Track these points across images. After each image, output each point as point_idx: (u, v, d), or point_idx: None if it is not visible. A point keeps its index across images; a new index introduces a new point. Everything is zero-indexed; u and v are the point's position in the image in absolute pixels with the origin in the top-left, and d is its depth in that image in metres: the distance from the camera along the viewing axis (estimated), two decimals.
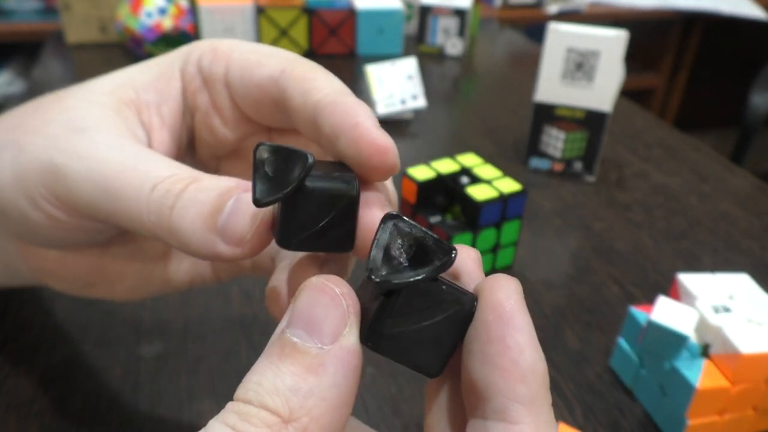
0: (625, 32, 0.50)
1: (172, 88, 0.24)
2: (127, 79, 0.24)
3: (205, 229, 0.19)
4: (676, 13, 1.57)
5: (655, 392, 0.32)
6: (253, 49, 0.23)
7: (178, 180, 0.20)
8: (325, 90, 0.20)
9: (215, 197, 0.19)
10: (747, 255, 0.47)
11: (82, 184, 0.20)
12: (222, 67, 0.23)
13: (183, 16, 0.79)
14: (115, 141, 0.21)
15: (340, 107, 0.20)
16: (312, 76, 0.21)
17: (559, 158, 0.56)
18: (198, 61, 0.24)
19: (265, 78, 0.22)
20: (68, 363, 0.33)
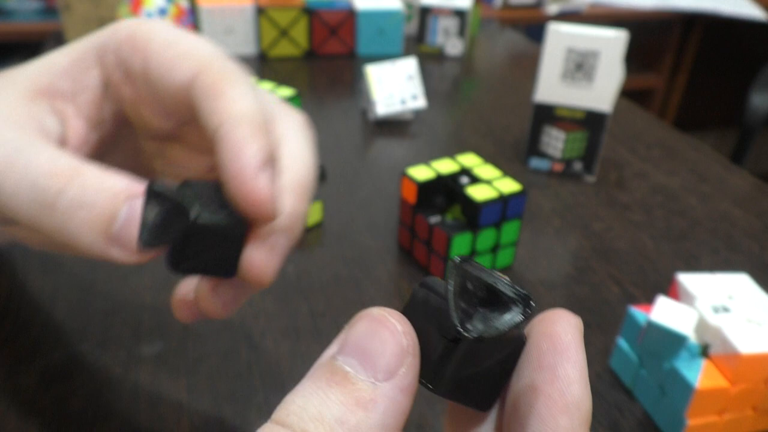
0: (624, 33, 0.50)
1: (90, 77, 0.24)
2: (46, 66, 0.23)
3: (97, 235, 0.19)
4: (675, 14, 1.57)
5: (655, 392, 0.32)
6: (170, 41, 0.22)
7: (55, 174, 0.19)
8: (227, 113, 0.20)
9: (106, 202, 0.19)
10: (747, 255, 0.47)
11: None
12: (140, 61, 0.23)
13: (183, 17, 0.79)
14: (4, 135, 0.20)
15: (231, 145, 0.20)
16: (221, 89, 0.21)
17: (559, 158, 0.56)
18: (117, 51, 0.23)
19: (178, 85, 0.22)
20: (68, 363, 0.34)
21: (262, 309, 0.38)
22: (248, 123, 0.20)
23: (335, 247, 0.44)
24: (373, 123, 0.65)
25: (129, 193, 0.19)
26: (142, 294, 0.39)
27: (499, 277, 0.15)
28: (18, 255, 0.42)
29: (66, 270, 0.40)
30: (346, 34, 0.84)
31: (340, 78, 0.78)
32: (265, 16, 0.81)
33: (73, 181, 0.19)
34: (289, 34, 0.83)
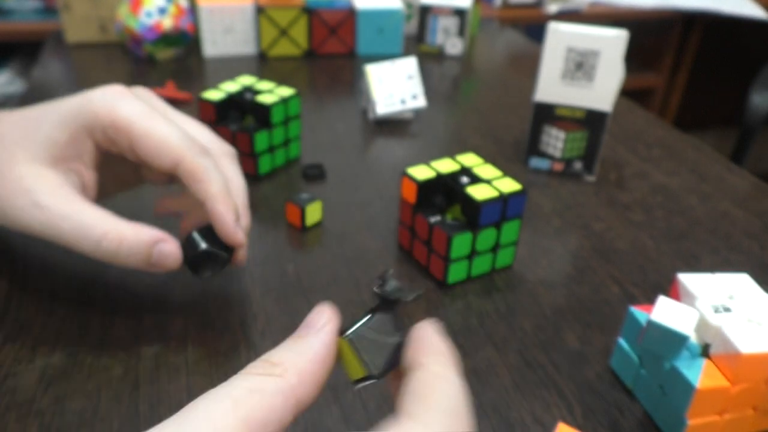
0: (625, 32, 0.50)
1: (87, 145, 0.35)
2: (49, 141, 0.34)
3: (141, 265, 0.33)
4: (676, 13, 1.57)
5: (655, 392, 0.32)
6: (147, 132, 0.34)
7: (113, 238, 0.32)
8: (207, 193, 0.34)
9: (145, 250, 0.33)
10: (747, 255, 0.47)
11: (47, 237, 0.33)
12: (126, 142, 0.34)
13: (183, 16, 0.79)
14: (63, 202, 0.33)
15: (217, 215, 0.34)
16: (198, 178, 0.34)
17: (559, 158, 0.56)
18: (104, 131, 0.34)
19: (165, 164, 0.34)
20: (68, 363, 0.33)
21: (262, 309, 0.38)
22: (222, 198, 0.34)
23: (335, 247, 0.44)
24: (373, 123, 0.65)
25: (156, 241, 0.33)
26: (142, 294, 0.39)
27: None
28: (18, 255, 0.41)
29: (66, 270, 0.40)
30: (346, 33, 0.84)
31: (340, 78, 0.78)
32: (265, 16, 0.81)
33: (125, 241, 0.32)
34: (289, 34, 0.83)
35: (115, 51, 0.83)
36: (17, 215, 0.33)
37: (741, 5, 1.57)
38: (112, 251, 0.32)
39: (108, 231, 0.32)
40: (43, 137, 0.34)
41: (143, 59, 0.80)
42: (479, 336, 0.37)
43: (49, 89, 0.71)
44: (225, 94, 0.52)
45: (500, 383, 0.34)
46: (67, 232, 0.32)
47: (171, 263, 0.33)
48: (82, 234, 0.32)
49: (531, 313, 0.39)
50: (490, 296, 0.41)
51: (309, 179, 0.53)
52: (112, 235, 0.32)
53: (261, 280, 0.41)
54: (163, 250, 0.33)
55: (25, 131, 0.34)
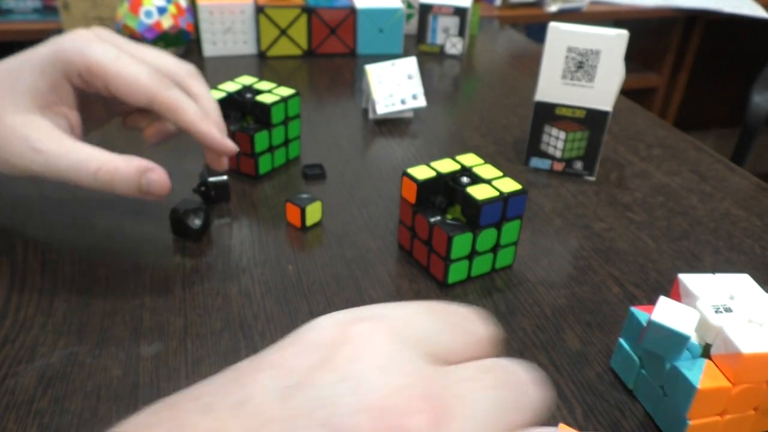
0: (625, 32, 0.50)
1: (66, 88, 0.38)
2: (33, 89, 0.37)
3: (134, 192, 0.36)
4: (677, 12, 1.57)
5: (656, 393, 0.32)
6: (118, 72, 0.37)
7: (108, 169, 0.36)
8: (188, 121, 0.39)
9: (135, 177, 0.36)
10: (748, 255, 0.47)
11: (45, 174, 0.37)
12: (102, 83, 0.38)
13: (182, 16, 0.79)
14: (58, 144, 0.36)
15: (203, 135, 0.40)
16: (174, 110, 0.38)
17: (560, 158, 0.56)
18: (79, 74, 0.37)
19: (140, 101, 0.38)
20: (68, 363, 0.33)
21: (262, 309, 0.38)
22: (201, 120, 0.39)
23: (335, 247, 0.44)
24: (373, 123, 0.65)
25: (145, 169, 0.36)
26: (142, 294, 0.39)
27: None
28: (18, 255, 0.41)
29: (66, 270, 0.40)
30: (346, 33, 0.84)
31: (340, 77, 0.78)
32: (265, 15, 0.81)
33: (119, 171, 0.36)
34: (289, 34, 0.83)
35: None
36: (17, 161, 0.36)
37: (742, 4, 1.57)
38: (108, 181, 0.35)
39: (102, 164, 0.35)
40: (26, 87, 0.37)
41: None
42: None
43: None
44: (225, 93, 0.52)
45: None
46: (64, 170, 0.35)
47: (160, 189, 0.36)
48: (79, 168, 0.35)
49: (531, 314, 0.39)
50: (491, 296, 0.41)
51: (309, 179, 0.53)
52: (106, 167, 0.35)
53: (261, 280, 0.41)
54: (151, 178, 0.36)
55: (7, 84, 0.37)
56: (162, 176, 0.36)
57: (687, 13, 1.58)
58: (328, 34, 0.83)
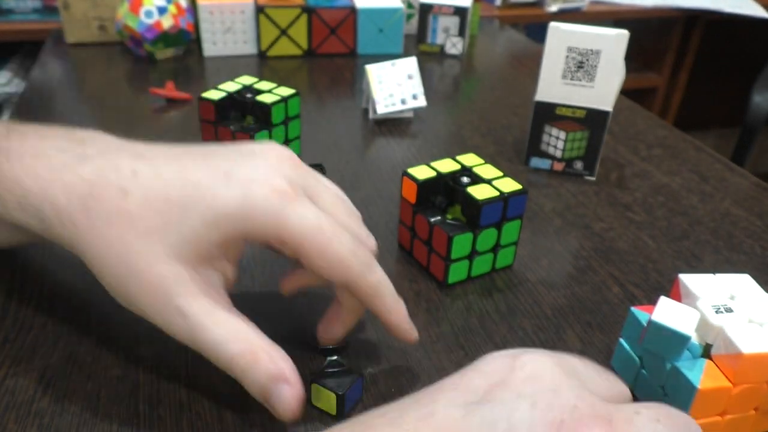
0: (626, 32, 0.50)
1: (238, 248, 0.32)
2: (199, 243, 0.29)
3: (260, 397, 0.29)
4: (677, 12, 1.57)
5: (656, 393, 0.32)
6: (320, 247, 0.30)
7: (246, 360, 0.28)
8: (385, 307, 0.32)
9: (266, 383, 0.28)
10: (748, 255, 0.47)
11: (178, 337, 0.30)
12: (292, 253, 0.30)
13: (182, 15, 0.79)
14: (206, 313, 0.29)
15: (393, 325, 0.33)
16: (374, 296, 0.31)
17: (560, 158, 0.56)
18: (265, 238, 0.30)
19: (337, 280, 0.31)
20: (67, 363, 0.33)
21: (263, 309, 0.38)
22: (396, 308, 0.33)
23: None
24: (373, 123, 0.65)
25: (279, 378, 0.28)
26: None
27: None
28: (18, 255, 0.41)
29: (66, 270, 0.40)
30: (346, 33, 0.84)
31: (340, 77, 0.78)
32: (265, 15, 0.81)
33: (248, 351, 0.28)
34: (289, 34, 0.83)
35: (115, 50, 0.83)
36: (158, 317, 0.29)
37: (742, 4, 1.57)
38: (240, 373, 0.28)
39: (243, 350, 0.28)
40: (190, 234, 0.29)
41: (143, 59, 0.80)
42: (480, 336, 0.37)
43: (48, 89, 0.71)
44: (225, 93, 0.52)
45: None
46: (202, 343, 0.29)
47: (284, 409, 0.28)
48: (219, 348, 0.28)
49: (531, 314, 0.39)
50: (491, 296, 0.41)
51: None
52: (245, 356, 0.28)
53: (261, 280, 0.41)
54: (282, 393, 0.28)
55: (165, 219, 0.29)
56: (295, 395, 0.28)
57: (687, 13, 1.58)
58: (328, 34, 0.83)
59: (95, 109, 0.67)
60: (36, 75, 0.74)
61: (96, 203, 0.29)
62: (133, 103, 0.69)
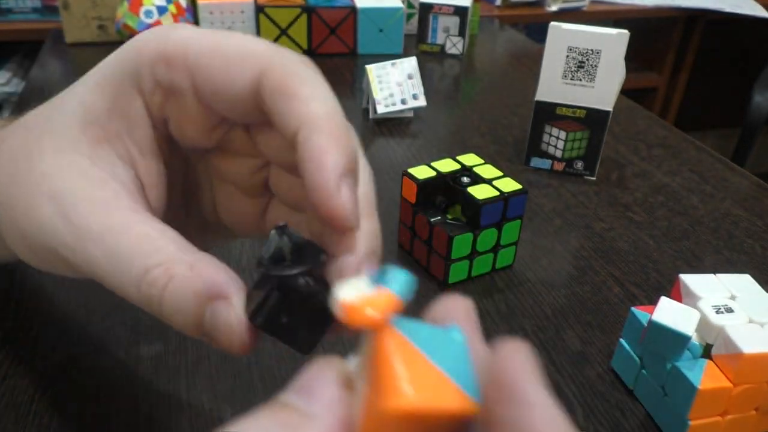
0: (626, 31, 0.50)
1: (136, 109, 0.22)
2: (86, 112, 0.22)
3: (195, 334, 0.20)
4: (677, 12, 1.57)
5: (657, 393, 0.32)
6: (212, 47, 0.21)
7: (153, 282, 0.20)
8: (303, 115, 0.19)
9: (193, 308, 0.19)
10: (749, 255, 0.47)
11: (76, 265, 0.21)
12: (185, 78, 0.21)
13: (182, 15, 0.79)
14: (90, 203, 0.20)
15: (310, 153, 0.19)
16: (292, 89, 0.20)
17: (560, 158, 0.56)
18: (152, 74, 0.22)
19: (241, 91, 0.21)
20: (67, 363, 0.33)
21: None
22: (326, 126, 0.19)
23: None
24: (373, 123, 0.65)
25: (211, 295, 0.19)
26: None
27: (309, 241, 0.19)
28: None
29: None
30: (346, 32, 0.84)
31: (340, 77, 0.78)
32: (265, 15, 0.81)
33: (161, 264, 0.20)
34: (289, 33, 0.83)
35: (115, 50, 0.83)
36: (35, 231, 0.21)
37: (743, 4, 1.57)
38: (154, 297, 0.20)
39: (155, 263, 0.19)
40: (73, 105, 0.22)
41: None
42: None
43: (48, 89, 0.71)
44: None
45: None
46: (96, 261, 0.20)
47: (225, 335, 0.19)
48: (119, 265, 0.20)
49: (532, 314, 0.39)
50: (491, 296, 0.41)
51: None
52: (157, 272, 0.19)
53: None
54: (218, 311, 0.19)
55: (53, 109, 0.23)
56: (234, 313, 0.19)
57: (687, 13, 1.58)
58: (328, 34, 0.83)
59: None
60: (35, 75, 0.74)
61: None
62: None
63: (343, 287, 0.16)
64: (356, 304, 0.15)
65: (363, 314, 0.15)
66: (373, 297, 0.15)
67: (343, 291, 0.16)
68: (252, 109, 0.21)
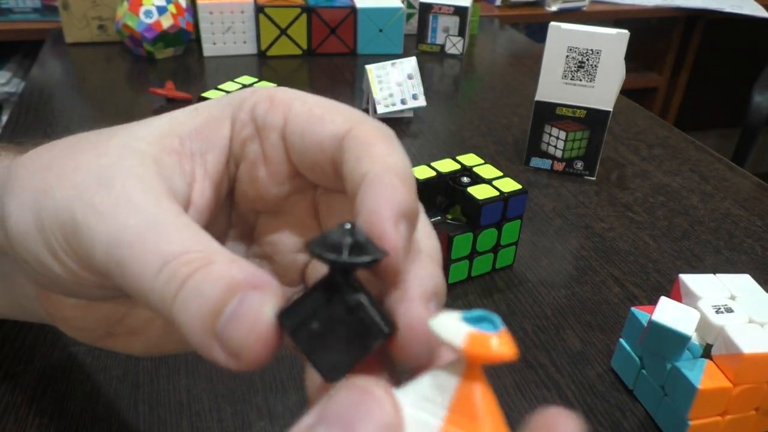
0: (626, 31, 0.50)
1: (220, 136, 0.22)
2: (173, 126, 0.22)
3: (203, 331, 0.16)
4: (677, 12, 1.57)
5: (657, 393, 0.32)
6: (315, 102, 0.22)
7: (188, 261, 0.17)
8: (376, 162, 0.19)
9: (219, 293, 0.16)
10: (749, 255, 0.47)
11: (96, 245, 0.18)
12: (280, 117, 0.22)
13: (182, 15, 0.79)
14: (138, 198, 0.19)
15: (376, 186, 0.18)
16: (372, 142, 0.20)
17: (560, 158, 0.56)
18: (252, 109, 0.22)
19: (328, 136, 0.20)
20: (67, 363, 0.33)
21: None
22: (398, 174, 0.19)
23: None
24: None
25: (245, 285, 0.16)
26: None
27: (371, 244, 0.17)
28: None
29: None
30: (346, 33, 0.84)
31: (340, 77, 0.78)
32: (265, 15, 0.81)
33: (201, 270, 0.17)
34: (289, 33, 0.83)
35: (115, 50, 0.83)
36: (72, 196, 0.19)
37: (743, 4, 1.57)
38: (172, 289, 0.17)
39: (192, 250, 0.17)
40: (165, 119, 0.22)
41: (143, 58, 0.80)
42: None
43: (48, 89, 0.71)
44: (224, 93, 0.52)
45: (501, 384, 0.34)
46: (124, 242, 0.18)
47: (242, 332, 0.16)
48: (145, 249, 0.17)
49: (532, 314, 0.39)
50: (491, 296, 0.41)
51: None
52: (193, 256, 0.17)
53: None
54: (244, 307, 0.16)
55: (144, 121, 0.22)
56: (264, 308, 0.16)
57: (688, 13, 1.58)
58: (328, 34, 0.83)
59: (94, 109, 0.67)
60: (35, 74, 0.74)
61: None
62: (132, 103, 0.69)
63: (439, 318, 0.14)
64: (485, 335, 0.14)
65: (493, 348, 0.13)
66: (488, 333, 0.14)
67: (440, 322, 0.14)
68: (329, 164, 0.21)
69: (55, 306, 0.23)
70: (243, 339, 0.16)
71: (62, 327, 0.24)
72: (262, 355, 0.16)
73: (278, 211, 0.24)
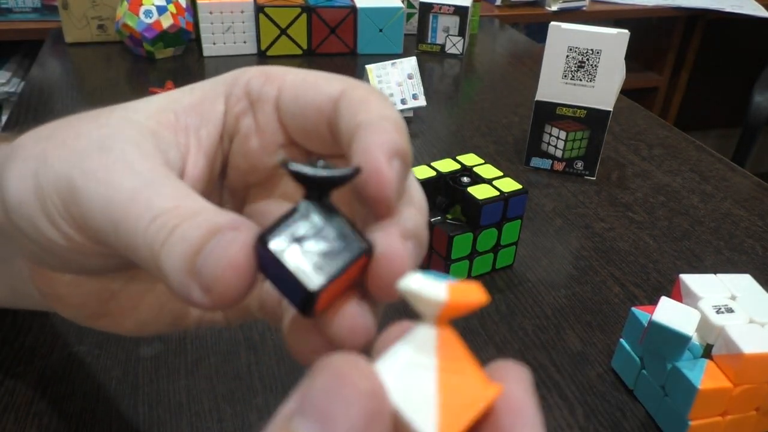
0: (626, 31, 0.50)
1: (215, 111, 0.23)
2: (169, 102, 0.22)
3: (183, 272, 0.16)
4: (678, 11, 1.57)
5: (657, 393, 0.32)
6: (309, 73, 0.22)
7: (178, 215, 0.17)
8: (371, 113, 0.19)
9: (201, 235, 0.16)
10: (749, 255, 0.46)
11: (94, 207, 0.19)
12: (274, 89, 0.22)
13: (182, 15, 0.79)
14: (135, 163, 0.19)
15: (369, 132, 0.18)
16: (367, 99, 0.20)
17: (560, 158, 0.56)
18: (246, 84, 0.23)
19: (323, 98, 0.21)
20: (67, 364, 0.33)
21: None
22: (392, 122, 0.19)
23: None
24: None
25: (229, 226, 0.16)
26: None
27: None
28: None
29: None
30: (346, 32, 0.84)
31: None
32: (265, 15, 0.80)
33: (189, 220, 0.17)
34: (289, 33, 0.82)
35: (114, 50, 0.83)
36: (71, 161, 0.20)
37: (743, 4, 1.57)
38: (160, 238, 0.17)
39: (174, 207, 0.18)
40: (162, 96, 0.23)
41: (142, 58, 0.80)
42: (480, 337, 0.37)
43: (47, 88, 0.71)
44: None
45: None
46: (119, 200, 0.18)
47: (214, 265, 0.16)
48: (138, 204, 0.18)
49: (532, 314, 0.39)
50: (491, 296, 0.41)
51: None
52: (176, 212, 0.17)
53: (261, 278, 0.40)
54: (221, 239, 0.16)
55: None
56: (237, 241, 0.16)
57: (688, 13, 1.58)
58: (328, 34, 0.83)
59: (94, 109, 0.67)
60: (35, 74, 0.74)
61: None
62: None
63: (408, 279, 0.14)
64: (461, 285, 0.14)
65: (470, 295, 0.14)
66: (461, 284, 0.14)
67: (412, 281, 0.14)
68: (323, 127, 0.21)
69: (49, 284, 0.24)
70: (215, 269, 0.16)
71: (56, 306, 0.24)
72: (234, 287, 0.16)
73: (269, 183, 0.24)
